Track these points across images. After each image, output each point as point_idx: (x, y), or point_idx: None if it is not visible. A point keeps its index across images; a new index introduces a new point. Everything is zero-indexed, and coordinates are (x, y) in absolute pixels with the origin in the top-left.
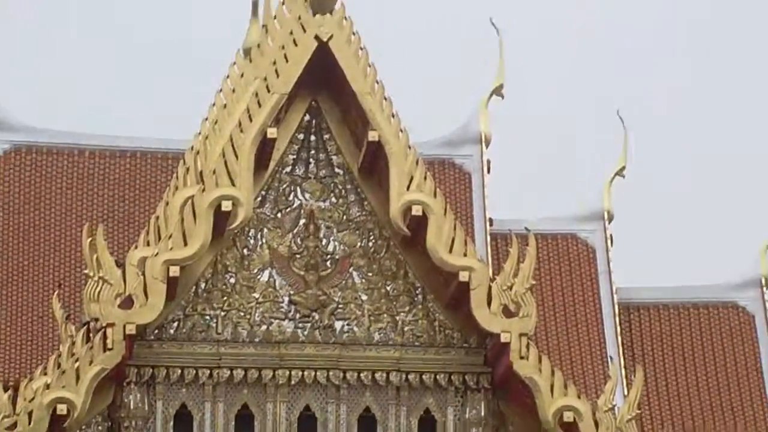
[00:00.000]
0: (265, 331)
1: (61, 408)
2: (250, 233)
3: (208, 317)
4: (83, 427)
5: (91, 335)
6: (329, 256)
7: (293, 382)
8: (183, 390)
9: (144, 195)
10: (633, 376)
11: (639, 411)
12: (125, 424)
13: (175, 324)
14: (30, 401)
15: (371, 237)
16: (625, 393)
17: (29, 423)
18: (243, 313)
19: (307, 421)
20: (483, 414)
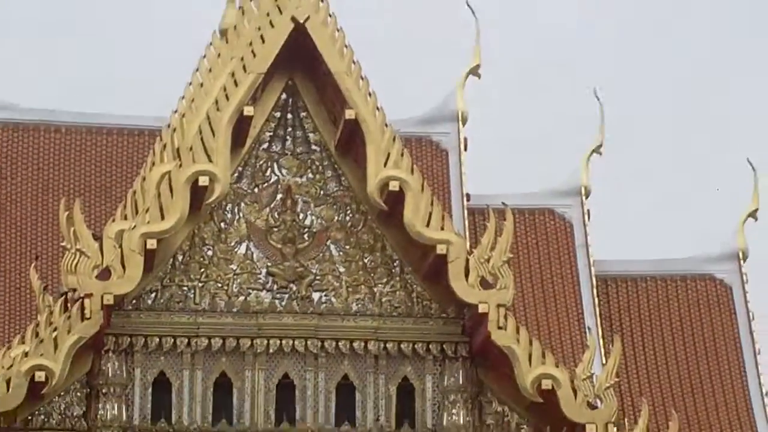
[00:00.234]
0: (243, 302)
1: (40, 375)
2: (227, 207)
3: (185, 288)
4: (61, 394)
5: (69, 305)
6: (306, 229)
7: (271, 350)
8: (161, 358)
9: (120, 171)
10: (611, 346)
11: (617, 380)
12: (103, 390)
13: (153, 294)
14: (8, 369)
15: (348, 211)
16: (603, 362)
17: (7, 390)
18: (221, 284)
19: (286, 389)
20: (461, 382)
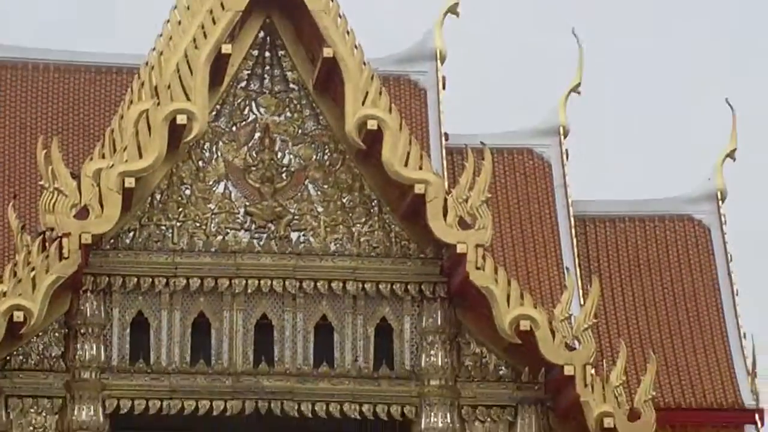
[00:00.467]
0: (221, 241)
1: (18, 315)
2: (205, 146)
3: (163, 227)
4: (39, 335)
5: (47, 245)
6: (285, 168)
7: (249, 290)
8: (139, 298)
9: (98, 109)
10: (589, 287)
11: (595, 320)
12: (82, 330)
13: (131, 234)
14: None
15: (326, 151)
16: (582, 303)
17: None
18: (199, 224)
19: (264, 329)
20: (440, 323)
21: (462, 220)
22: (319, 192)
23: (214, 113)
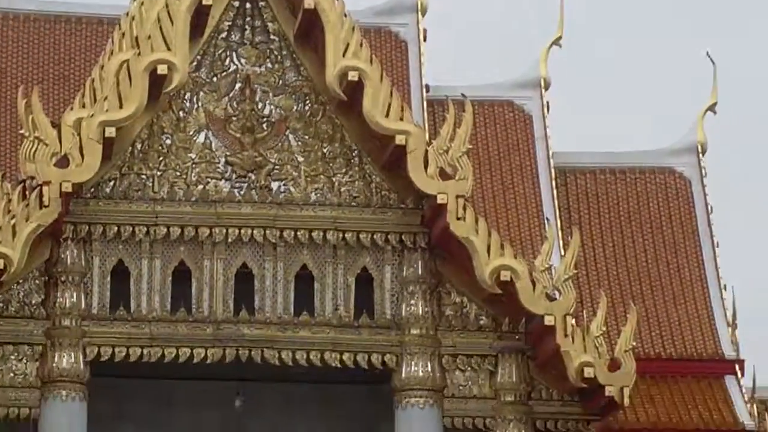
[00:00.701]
0: (202, 191)
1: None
2: (185, 96)
3: (144, 176)
4: (20, 282)
5: (27, 193)
6: (265, 119)
7: (230, 240)
8: (120, 246)
9: (79, 59)
10: (569, 237)
11: (575, 271)
12: (62, 278)
13: (112, 183)
14: None
15: (307, 101)
16: (562, 254)
17: None
18: (179, 173)
19: (244, 278)
20: (420, 273)
21: (442, 170)
22: (300, 142)
23: (194, 64)
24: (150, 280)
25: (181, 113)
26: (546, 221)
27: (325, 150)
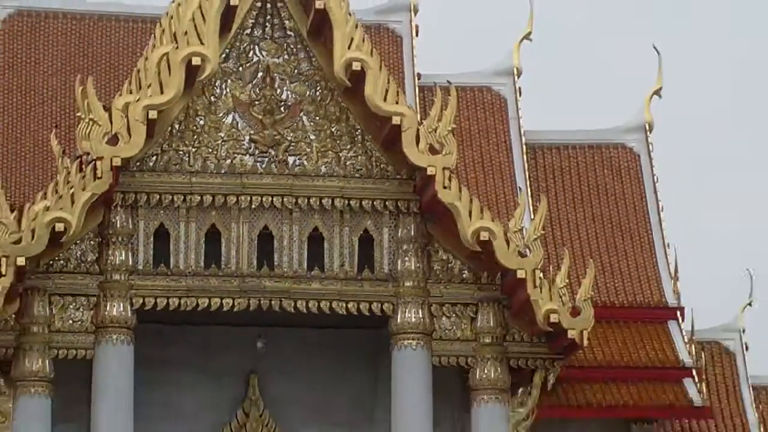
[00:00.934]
0: (230, 164)
1: (59, 226)
2: (216, 83)
3: (181, 152)
4: (77, 243)
5: (84, 167)
6: (283, 103)
7: (253, 206)
8: (161, 212)
9: (126, 52)
10: (537, 204)
11: (543, 232)
12: (113, 239)
13: (154, 158)
14: (33, 221)
15: (318, 88)
16: (531, 218)
17: (32, 238)
18: (210, 149)
19: (265, 239)
20: (413, 234)
21: (431, 146)
22: (312, 123)
23: (223, 56)
24: (186, 240)
25: (212, 98)
26: (518, 190)
27: (333, 129)
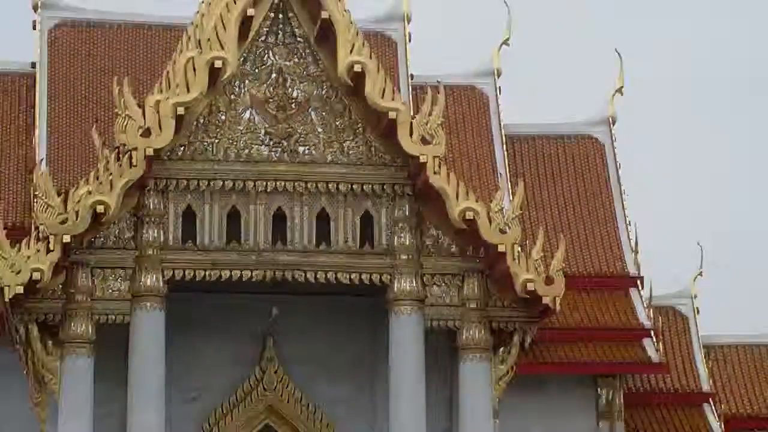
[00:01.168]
0: (248, 154)
1: (100, 208)
2: (235, 83)
3: (205, 143)
4: (116, 222)
5: (121, 156)
6: (293, 100)
7: (269, 190)
8: (188, 195)
9: (158, 56)
10: (516, 187)
11: (520, 212)
12: (146, 219)
13: (182, 148)
14: (77, 203)
15: (324, 87)
16: (510, 199)
17: (76, 219)
18: (231, 141)
19: (279, 219)
20: (407, 213)
21: (423, 138)
22: (319, 117)
23: (241, 59)
24: (210, 220)
25: (232, 96)
26: (498, 175)
27: (338, 123)
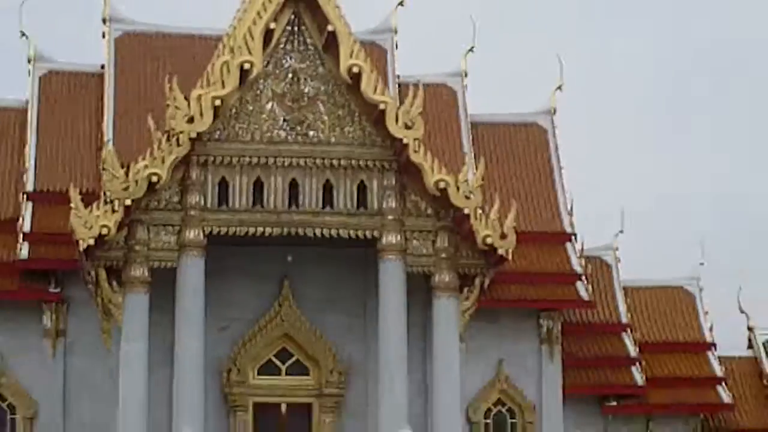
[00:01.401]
0: (269, 137)
1: (154, 178)
2: (260, 81)
3: (237, 128)
4: (166, 189)
5: (170, 138)
6: (305, 94)
7: (286, 165)
8: (222, 169)
9: (201, 60)
10: (478, 163)
11: (482, 183)
12: (190, 188)
13: (218, 132)
14: (136, 174)
15: (330, 84)
16: (474, 173)
17: (136, 186)
18: (257, 126)
19: (294, 187)
20: (393, 183)
21: (406, 124)
22: (325, 108)
23: (265, 62)
24: (240, 188)
25: (257, 91)
26: (465, 153)
27: (340, 113)
